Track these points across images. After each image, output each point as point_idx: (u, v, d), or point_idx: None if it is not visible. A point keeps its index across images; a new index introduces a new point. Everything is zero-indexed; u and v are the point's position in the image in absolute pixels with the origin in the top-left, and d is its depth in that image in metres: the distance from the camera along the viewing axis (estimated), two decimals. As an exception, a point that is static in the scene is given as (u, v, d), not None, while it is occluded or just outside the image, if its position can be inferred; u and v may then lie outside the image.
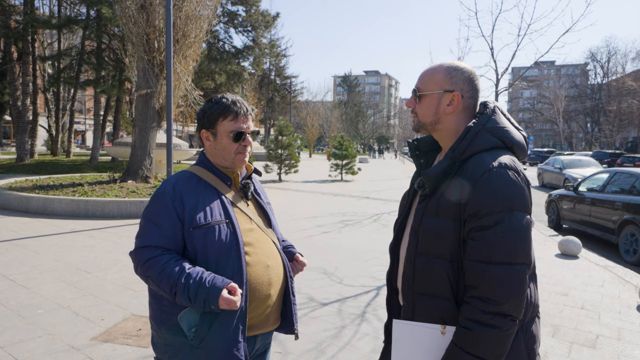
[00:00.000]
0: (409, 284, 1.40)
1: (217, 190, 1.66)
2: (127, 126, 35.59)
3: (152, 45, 10.48)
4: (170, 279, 1.49)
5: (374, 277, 5.23)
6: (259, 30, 30.89)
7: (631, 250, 7.01)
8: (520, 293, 1.23)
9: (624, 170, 8.16)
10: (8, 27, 19.81)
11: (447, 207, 1.32)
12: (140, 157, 10.92)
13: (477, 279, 1.24)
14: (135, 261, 1.60)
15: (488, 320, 1.21)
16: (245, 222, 1.67)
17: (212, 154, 1.71)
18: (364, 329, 3.76)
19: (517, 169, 1.30)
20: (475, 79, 1.43)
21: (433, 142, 1.56)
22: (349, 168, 19.77)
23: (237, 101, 1.68)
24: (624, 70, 52.96)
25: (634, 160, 25.79)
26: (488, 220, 1.24)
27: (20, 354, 3.16)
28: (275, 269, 1.69)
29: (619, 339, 3.72)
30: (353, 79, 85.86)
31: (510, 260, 1.23)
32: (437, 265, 1.32)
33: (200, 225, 1.56)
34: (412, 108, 1.49)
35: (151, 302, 1.66)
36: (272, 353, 3.23)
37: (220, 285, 1.47)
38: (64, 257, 5.70)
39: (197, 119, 1.74)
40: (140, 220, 1.66)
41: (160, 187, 1.67)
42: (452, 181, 1.33)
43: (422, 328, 1.34)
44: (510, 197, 1.25)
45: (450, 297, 1.32)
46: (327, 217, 9.40)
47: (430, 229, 1.34)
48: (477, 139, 1.34)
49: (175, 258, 1.54)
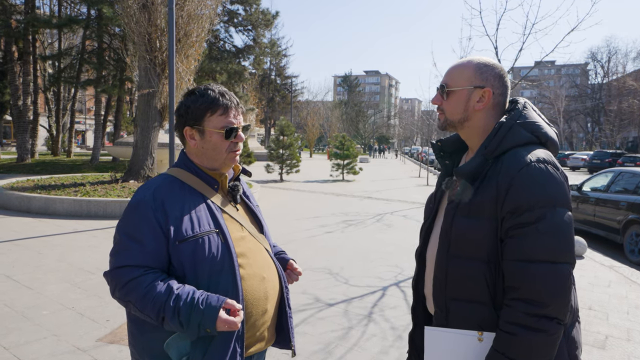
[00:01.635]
0: (442, 289, 1.33)
1: (202, 195, 1.46)
2: (128, 126, 35.54)
3: (154, 44, 10.45)
4: (156, 303, 1.28)
5: (380, 277, 5.20)
6: (259, 30, 30.85)
7: (636, 250, 6.98)
8: (566, 294, 1.17)
9: (627, 170, 8.14)
10: (9, 27, 19.75)
11: (481, 205, 1.25)
12: (142, 156, 10.89)
13: (519, 280, 1.17)
14: (111, 284, 1.36)
15: (533, 323, 1.14)
16: (236, 230, 1.48)
17: (197, 154, 1.49)
18: (371, 329, 3.73)
19: (556, 163, 1.25)
20: (505, 75, 1.39)
21: (458, 142, 1.50)
22: (351, 168, 19.74)
23: (225, 92, 1.47)
24: (625, 70, 52.93)
25: (635, 160, 25.76)
26: (529, 217, 1.18)
27: (26, 356, 3.13)
28: (271, 280, 1.52)
29: (628, 340, 3.70)
30: (353, 78, 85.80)
31: (554, 258, 1.16)
32: (472, 268, 1.26)
33: (188, 237, 1.35)
34: (438, 105, 1.42)
35: (130, 327, 1.44)
36: (280, 354, 3.21)
37: (216, 304, 1.28)
38: (68, 257, 5.67)
39: (178, 115, 1.49)
40: (115, 235, 1.40)
41: (136, 194, 1.42)
42: (485, 179, 1.27)
43: (457, 335, 1.26)
44: (551, 193, 1.19)
45: (488, 300, 1.25)
46: (329, 217, 9.37)
47: (463, 229, 1.27)
48: (511, 134, 1.29)
49: (160, 278, 1.32)
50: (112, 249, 1.41)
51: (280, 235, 7.18)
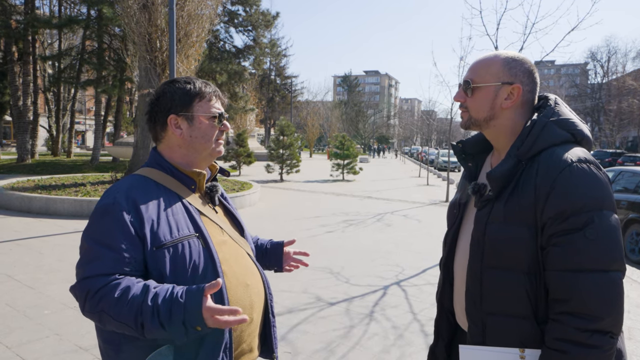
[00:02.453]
0: (476, 303, 1.23)
1: (179, 196, 1.34)
2: (128, 126, 35.55)
3: (154, 44, 10.46)
4: (132, 306, 1.13)
5: (381, 276, 5.21)
6: (259, 30, 30.85)
7: (636, 249, 7.00)
8: (620, 305, 1.08)
9: (628, 169, 8.16)
10: (9, 27, 19.76)
11: (518, 211, 1.16)
12: (142, 156, 10.90)
13: (567, 292, 1.08)
14: (80, 297, 1.19)
15: (586, 339, 1.05)
16: (217, 234, 1.36)
17: (180, 146, 1.38)
18: (373, 328, 3.74)
19: (597, 163, 1.16)
20: (535, 71, 1.29)
21: (481, 143, 1.40)
22: (351, 168, 19.75)
23: (208, 83, 1.42)
24: (624, 69, 53.01)
25: (635, 160, 25.80)
26: (575, 222, 1.09)
27: (29, 355, 3.13)
28: (255, 287, 1.40)
29: (629, 339, 3.70)
30: (353, 78, 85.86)
31: (605, 267, 1.08)
32: (511, 279, 1.16)
33: (166, 243, 1.24)
34: (462, 102, 1.32)
35: (104, 349, 1.29)
36: (282, 353, 3.21)
37: (196, 292, 1.13)
38: (69, 257, 5.67)
39: (158, 104, 1.37)
40: (82, 243, 1.25)
41: (105, 196, 1.29)
42: (520, 181, 1.18)
43: (496, 353, 1.16)
44: (597, 195, 1.10)
45: (530, 314, 1.15)
46: (330, 217, 9.37)
47: (499, 238, 1.17)
48: (545, 133, 1.19)
49: (135, 281, 1.19)
50: (79, 261, 1.25)
51: (281, 235, 7.17)
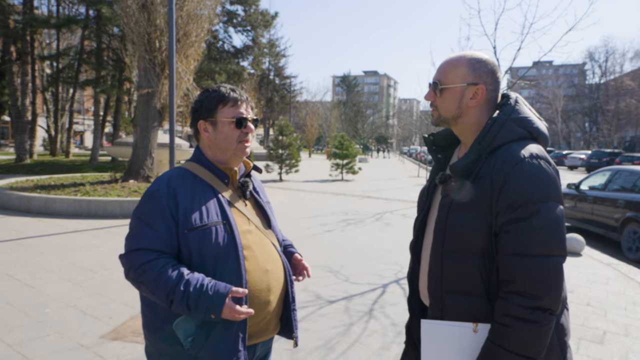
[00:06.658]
0: (437, 282, 1.35)
1: (213, 188, 1.55)
2: (127, 126, 35.51)
3: (154, 44, 10.47)
4: (167, 286, 1.38)
5: (380, 275, 5.24)
6: (258, 30, 30.91)
7: (634, 247, 7.03)
8: (559, 286, 1.21)
9: (625, 169, 8.19)
10: (7, 27, 19.74)
11: (476, 201, 1.27)
12: (141, 156, 10.91)
13: (513, 273, 1.20)
14: (126, 265, 1.49)
15: (527, 315, 1.18)
16: (243, 223, 1.56)
17: (210, 147, 1.59)
18: (372, 326, 3.77)
19: (548, 158, 1.27)
20: (497, 71, 1.40)
21: (450, 137, 1.52)
22: (350, 167, 19.77)
23: (235, 89, 1.60)
24: (622, 69, 53.15)
25: (632, 159, 25.89)
26: (524, 212, 1.20)
27: (31, 352, 3.15)
28: (274, 273, 1.59)
29: (626, 335, 3.74)
30: (352, 79, 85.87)
31: (548, 252, 1.20)
32: (467, 262, 1.28)
33: (196, 227, 1.45)
34: (432, 101, 1.43)
35: (143, 309, 1.55)
36: (282, 350, 3.24)
37: (224, 291, 1.37)
38: (69, 256, 5.69)
39: (193, 112, 1.61)
40: (131, 220, 1.52)
41: (153, 184, 1.54)
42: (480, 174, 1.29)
43: (452, 327, 1.29)
44: (545, 188, 1.22)
45: (482, 293, 1.28)
46: (329, 216, 9.40)
47: (458, 224, 1.30)
48: (504, 130, 1.31)
49: (171, 263, 1.43)
50: (128, 234, 1.52)
51: (281, 234, 7.19)
